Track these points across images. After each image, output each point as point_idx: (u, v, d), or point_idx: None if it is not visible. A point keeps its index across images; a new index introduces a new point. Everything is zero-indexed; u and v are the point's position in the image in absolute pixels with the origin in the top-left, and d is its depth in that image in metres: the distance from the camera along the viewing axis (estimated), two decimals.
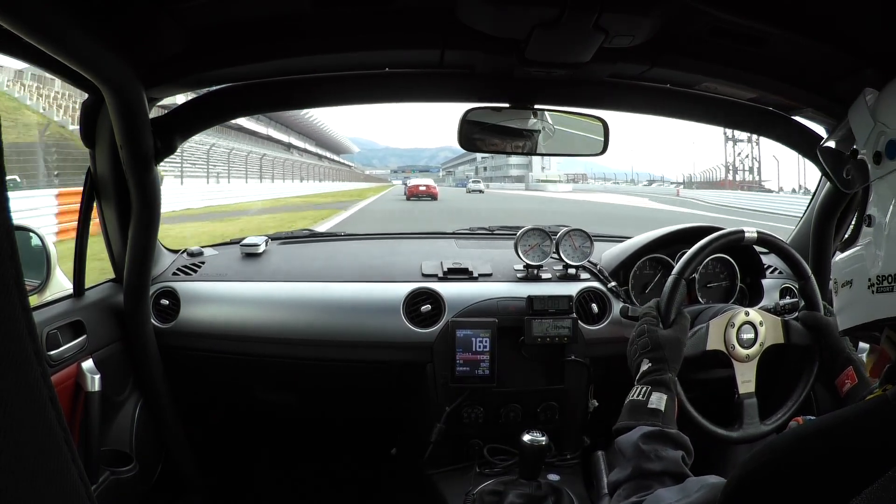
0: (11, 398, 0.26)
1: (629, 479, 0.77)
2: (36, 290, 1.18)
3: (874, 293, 0.55)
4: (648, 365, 0.94)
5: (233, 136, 26.94)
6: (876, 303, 0.55)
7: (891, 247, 0.54)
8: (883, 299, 0.54)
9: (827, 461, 0.47)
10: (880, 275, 0.54)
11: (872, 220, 0.57)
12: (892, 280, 0.53)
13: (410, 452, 1.40)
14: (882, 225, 0.55)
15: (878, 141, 0.57)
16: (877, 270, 0.55)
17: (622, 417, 0.88)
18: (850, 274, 0.59)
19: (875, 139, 0.58)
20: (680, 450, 0.80)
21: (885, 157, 0.56)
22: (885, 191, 0.56)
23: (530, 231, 1.41)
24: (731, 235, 1.10)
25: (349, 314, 1.31)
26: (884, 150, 0.56)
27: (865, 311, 0.57)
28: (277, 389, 1.47)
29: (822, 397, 1.26)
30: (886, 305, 0.54)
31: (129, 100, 0.93)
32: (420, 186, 23.34)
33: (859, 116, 0.61)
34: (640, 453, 0.78)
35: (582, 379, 1.32)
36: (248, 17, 0.90)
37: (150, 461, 1.32)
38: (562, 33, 0.84)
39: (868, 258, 0.56)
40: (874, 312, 0.55)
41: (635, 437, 0.81)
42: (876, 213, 0.57)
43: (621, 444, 0.83)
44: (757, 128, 1.30)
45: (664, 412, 0.86)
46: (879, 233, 0.56)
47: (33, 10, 0.64)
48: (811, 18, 0.80)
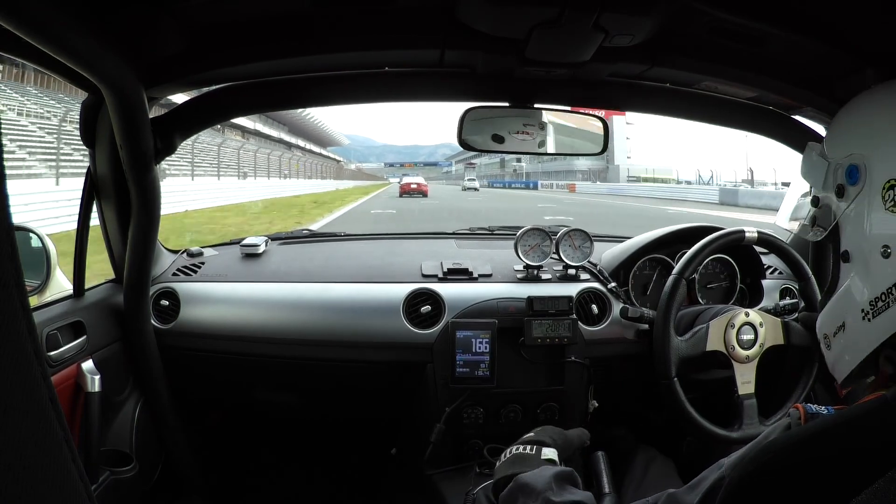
0: (11, 398, 0.26)
1: None
2: (36, 291, 1.18)
3: (870, 320, 0.55)
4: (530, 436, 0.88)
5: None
6: (874, 329, 0.55)
7: (874, 265, 0.54)
8: (880, 322, 0.54)
9: (827, 462, 0.47)
10: (872, 299, 0.54)
11: (849, 255, 0.57)
12: (886, 296, 0.53)
13: (410, 453, 1.40)
14: (861, 251, 0.56)
15: (837, 174, 0.58)
16: (867, 297, 0.55)
17: (502, 470, 0.81)
18: (840, 317, 0.59)
19: (832, 176, 0.59)
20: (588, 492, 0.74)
21: (847, 185, 0.57)
22: (854, 218, 0.57)
23: (530, 231, 1.41)
24: (730, 235, 1.10)
25: (349, 315, 1.31)
26: (845, 179, 0.57)
27: (865, 343, 0.56)
28: (277, 390, 1.47)
29: (823, 397, 1.26)
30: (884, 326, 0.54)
31: (129, 100, 0.93)
32: (412, 184, 24.33)
33: (811, 167, 0.62)
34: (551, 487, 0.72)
35: (582, 379, 1.31)
36: (248, 17, 0.90)
37: (150, 461, 1.32)
38: (561, 33, 0.84)
39: (855, 291, 0.57)
40: (874, 340, 0.55)
41: (548, 474, 0.74)
42: (850, 246, 0.57)
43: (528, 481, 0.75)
44: (757, 127, 1.30)
45: (559, 464, 0.80)
46: (860, 261, 0.56)
47: (33, 10, 0.64)
48: (811, 18, 0.80)
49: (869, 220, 0.55)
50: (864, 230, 0.55)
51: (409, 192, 23.29)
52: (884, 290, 0.53)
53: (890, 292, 0.53)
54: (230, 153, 21.53)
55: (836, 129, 0.62)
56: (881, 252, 0.53)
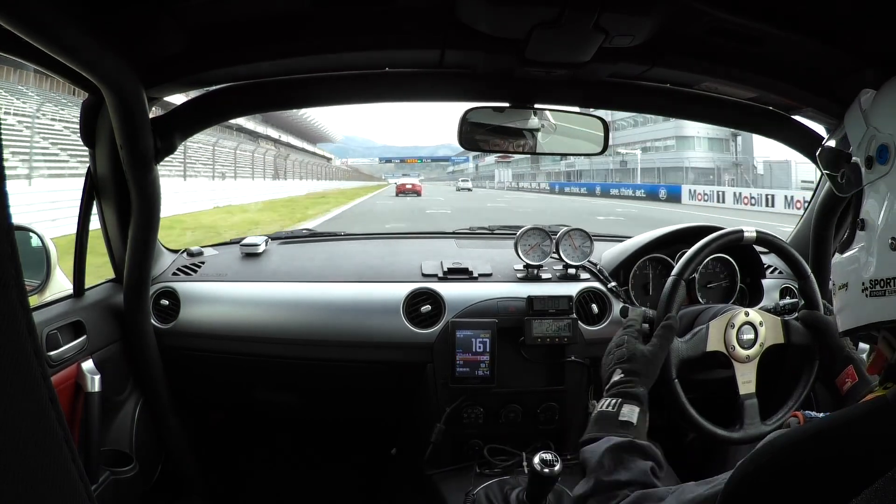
0: (11, 398, 0.26)
1: (592, 493, 0.73)
2: (36, 290, 1.18)
3: (868, 297, 0.55)
4: (620, 376, 0.91)
5: None
6: (870, 306, 0.55)
7: (882, 251, 0.54)
8: (876, 303, 0.54)
9: (827, 462, 0.47)
10: (873, 279, 0.55)
11: (865, 223, 0.57)
12: (885, 284, 0.53)
13: (410, 452, 1.40)
14: (874, 229, 0.55)
15: (870, 145, 0.57)
16: (869, 275, 0.55)
17: (589, 429, 0.84)
18: (845, 276, 0.60)
19: (867, 143, 0.57)
20: (649, 461, 0.77)
21: (876, 161, 0.56)
22: (876, 195, 0.56)
23: (530, 231, 1.41)
24: (730, 235, 1.10)
25: (349, 314, 1.31)
26: (875, 154, 0.56)
27: (860, 315, 0.57)
28: (277, 390, 1.47)
29: (823, 397, 1.26)
30: (880, 309, 0.54)
31: (129, 100, 0.93)
32: (407, 185, 27.82)
33: (853, 120, 0.61)
34: (601, 465, 0.75)
35: (582, 379, 1.32)
36: (248, 17, 0.90)
37: (150, 461, 1.32)
38: (562, 33, 0.84)
39: (862, 261, 0.57)
40: (869, 316, 0.56)
41: (601, 449, 0.77)
42: (868, 218, 0.57)
43: (586, 456, 0.78)
44: (757, 128, 1.30)
45: (635, 425, 0.82)
46: (871, 237, 0.56)
47: (33, 10, 0.64)
48: (811, 18, 0.80)
49: (887, 203, 0.54)
50: (881, 212, 0.55)
51: (405, 192, 26.86)
52: (884, 278, 0.53)
53: (889, 282, 0.53)
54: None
55: (884, 98, 0.59)
56: (889, 244, 0.53)
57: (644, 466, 0.75)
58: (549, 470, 0.99)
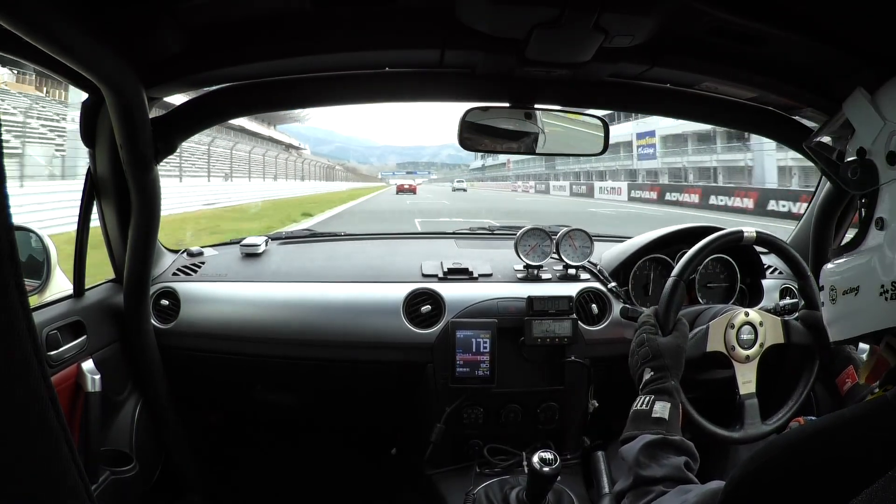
0: (11, 398, 0.26)
1: (631, 488, 0.78)
2: (36, 291, 1.18)
3: (888, 300, 0.52)
4: (650, 374, 0.94)
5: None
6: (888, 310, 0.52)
7: None
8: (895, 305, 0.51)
9: (827, 462, 0.47)
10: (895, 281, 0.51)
11: (885, 223, 0.54)
12: None
13: (410, 452, 1.40)
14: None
15: (892, 141, 0.54)
16: (892, 276, 0.52)
17: (627, 428, 0.89)
18: (855, 280, 0.56)
19: (887, 138, 0.55)
20: (683, 455, 0.80)
21: None
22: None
23: (530, 231, 1.41)
24: (730, 236, 1.10)
25: (349, 315, 1.31)
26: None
27: (875, 320, 0.54)
28: (277, 390, 1.47)
29: (823, 397, 1.26)
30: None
31: (129, 100, 0.93)
32: (405, 185, 33.56)
33: (862, 114, 0.58)
34: (638, 462, 0.79)
35: (582, 379, 1.31)
36: (248, 17, 0.90)
37: (150, 461, 1.32)
38: (562, 33, 0.84)
39: (880, 263, 0.54)
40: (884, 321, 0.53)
41: (637, 447, 0.81)
42: (889, 216, 0.54)
43: (624, 454, 0.83)
44: (757, 128, 1.30)
45: (668, 420, 0.86)
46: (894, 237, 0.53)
47: (33, 10, 0.64)
48: (810, 18, 0.80)
49: None
50: None
51: (403, 191, 31.91)
52: None
53: None
54: None
55: None
56: None
57: (678, 462, 0.78)
58: (549, 469, 1.00)
